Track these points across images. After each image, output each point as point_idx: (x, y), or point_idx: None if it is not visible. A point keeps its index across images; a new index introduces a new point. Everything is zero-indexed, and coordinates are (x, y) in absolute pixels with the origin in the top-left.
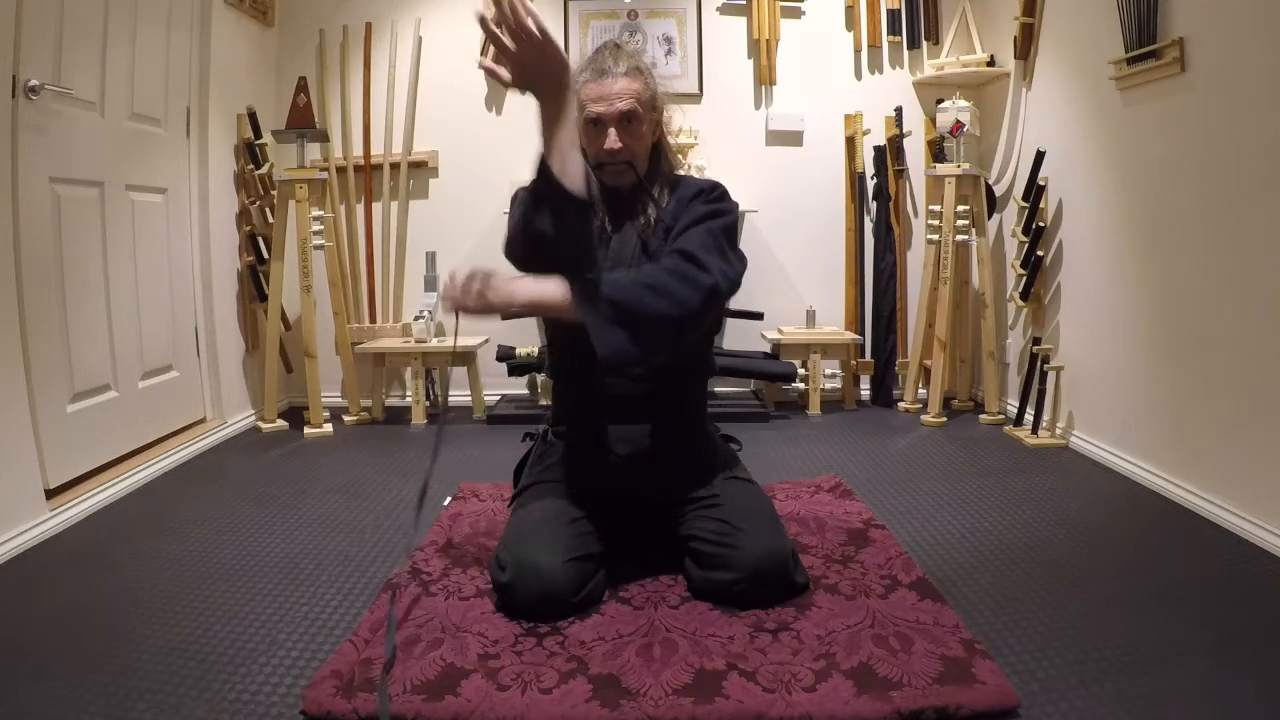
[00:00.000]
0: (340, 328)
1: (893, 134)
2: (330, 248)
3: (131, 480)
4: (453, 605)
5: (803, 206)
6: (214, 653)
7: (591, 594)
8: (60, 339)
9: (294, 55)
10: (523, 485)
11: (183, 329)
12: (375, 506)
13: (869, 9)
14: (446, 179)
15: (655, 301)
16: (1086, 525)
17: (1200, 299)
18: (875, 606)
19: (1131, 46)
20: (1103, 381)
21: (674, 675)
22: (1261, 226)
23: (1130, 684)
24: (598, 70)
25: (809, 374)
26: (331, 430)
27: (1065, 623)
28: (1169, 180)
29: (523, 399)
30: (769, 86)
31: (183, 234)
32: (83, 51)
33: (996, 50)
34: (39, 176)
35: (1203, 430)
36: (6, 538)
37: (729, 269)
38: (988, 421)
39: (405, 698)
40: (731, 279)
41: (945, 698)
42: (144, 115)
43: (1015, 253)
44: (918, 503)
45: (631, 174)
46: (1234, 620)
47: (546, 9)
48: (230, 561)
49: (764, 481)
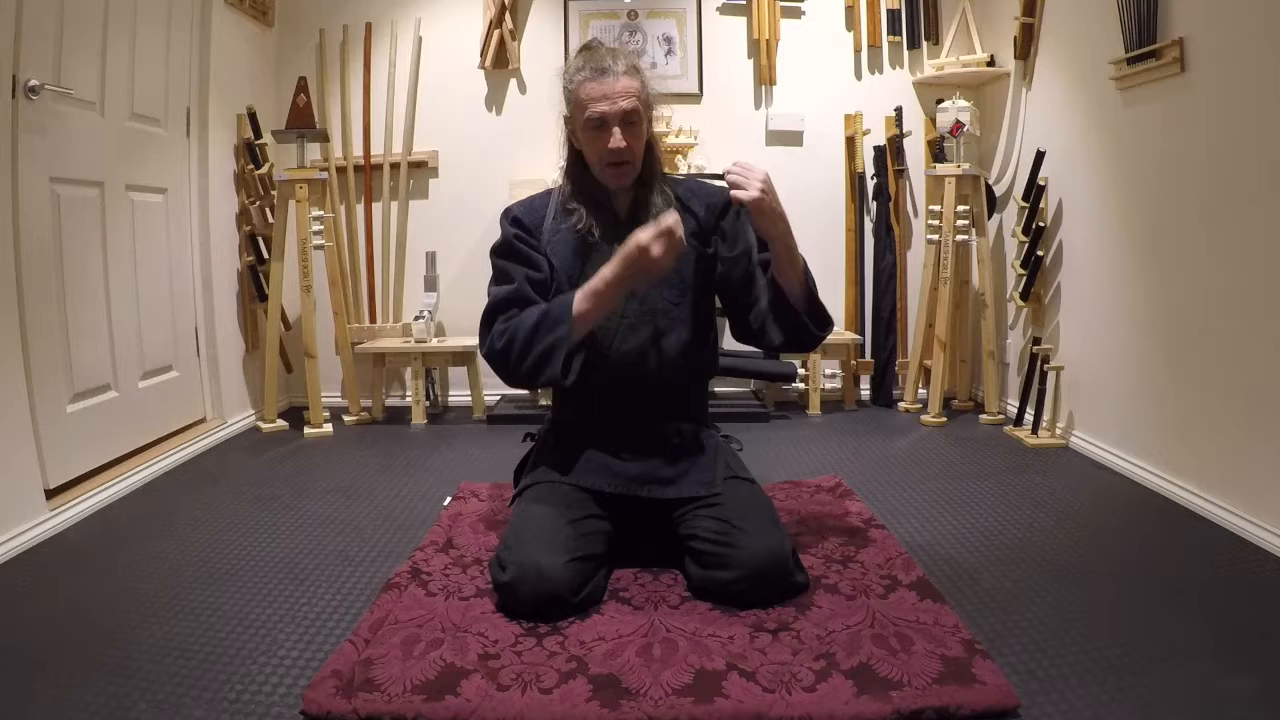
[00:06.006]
0: (340, 328)
1: (893, 134)
2: (330, 248)
3: (131, 480)
4: (453, 605)
5: (803, 206)
6: (214, 653)
7: (592, 594)
8: (60, 339)
9: (294, 55)
10: (523, 485)
11: (183, 329)
12: (375, 506)
13: (869, 9)
14: (446, 179)
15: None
16: (1086, 525)
17: (1200, 299)
18: (875, 606)
19: (1131, 46)
20: (1103, 381)
21: (674, 675)
22: (1261, 226)
23: (1130, 684)
24: (597, 70)
25: (809, 374)
26: (331, 430)
27: (1065, 623)
28: (1169, 180)
29: (523, 399)
30: (769, 86)
31: (183, 234)
32: (83, 51)
33: (996, 50)
34: (39, 176)
35: (1203, 430)
36: (6, 538)
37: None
38: (988, 421)
39: (405, 698)
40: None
41: (945, 698)
42: (144, 115)
43: (1015, 253)
44: (918, 503)
45: (634, 172)
46: (1234, 620)
47: (546, 9)
48: (230, 561)
49: (764, 481)
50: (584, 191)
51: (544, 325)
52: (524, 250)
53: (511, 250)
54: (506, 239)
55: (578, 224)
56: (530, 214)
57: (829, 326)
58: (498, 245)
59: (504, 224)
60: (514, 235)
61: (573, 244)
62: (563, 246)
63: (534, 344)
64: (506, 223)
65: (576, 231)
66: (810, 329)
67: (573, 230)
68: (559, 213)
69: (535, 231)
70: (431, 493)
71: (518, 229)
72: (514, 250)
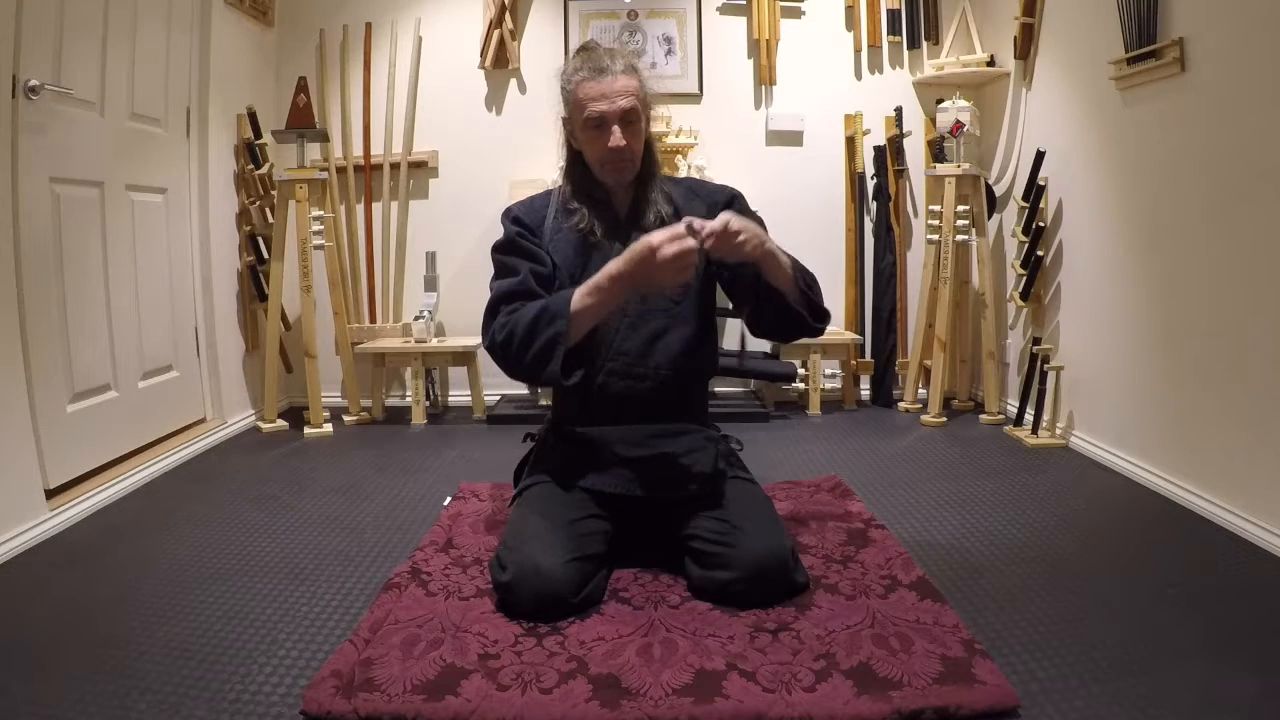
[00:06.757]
0: (340, 328)
1: (893, 134)
2: (330, 248)
3: (131, 480)
4: (453, 605)
5: (803, 206)
6: (214, 653)
7: (592, 594)
8: (60, 339)
9: (294, 55)
10: (523, 485)
11: (183, 329)
12: (375, 506)
13: (869, 9)
14: (446, 179)
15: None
16: (1086, 525)
17: (1200, 299)
18: (875, 606)
19: (1131, 46)
20: (1102, 381)
21: (674, 675)
22: (1261, 226)
23: (1130, 684)
24: (596, 69)
25: (809, 374)
26: (331, 430)
27: (1065, 623)
28: (1169, 180)
29: (523, 399)
30: (769, 86)
31: (183, 234)
32: (83, 51)
33: (996, 50)
34: (39, 176)
35: (1203, 430)
36: (6, 538)
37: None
38: (988, 421)
39: (405, 698)
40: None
41: (945, 698)
42: (144, 115)
43: (1015, 253)
44: (918, 503)
45: (634, 171)
46: (1234, 620)
47: (546, 9)
48: (230, 561)
49: (764, 481)
50: (584, 191)
51: (543, 319)
52: (528, 246)
53: (515, 246)
54: (509, 236)
55: (579, 223)
56: (531, 214)
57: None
58: (500, 243)
59: (505, 222)
60: (516, 233)
61: (574, 243)
62: (565, 245)
63: (533, 339)
64: (508, 221)
65: (579, 231)
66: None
67: (574, 229)
68: (560, 212)
69: (536, 230)
70: (431, 493)
71: (519, 227)
72: (517, 246)
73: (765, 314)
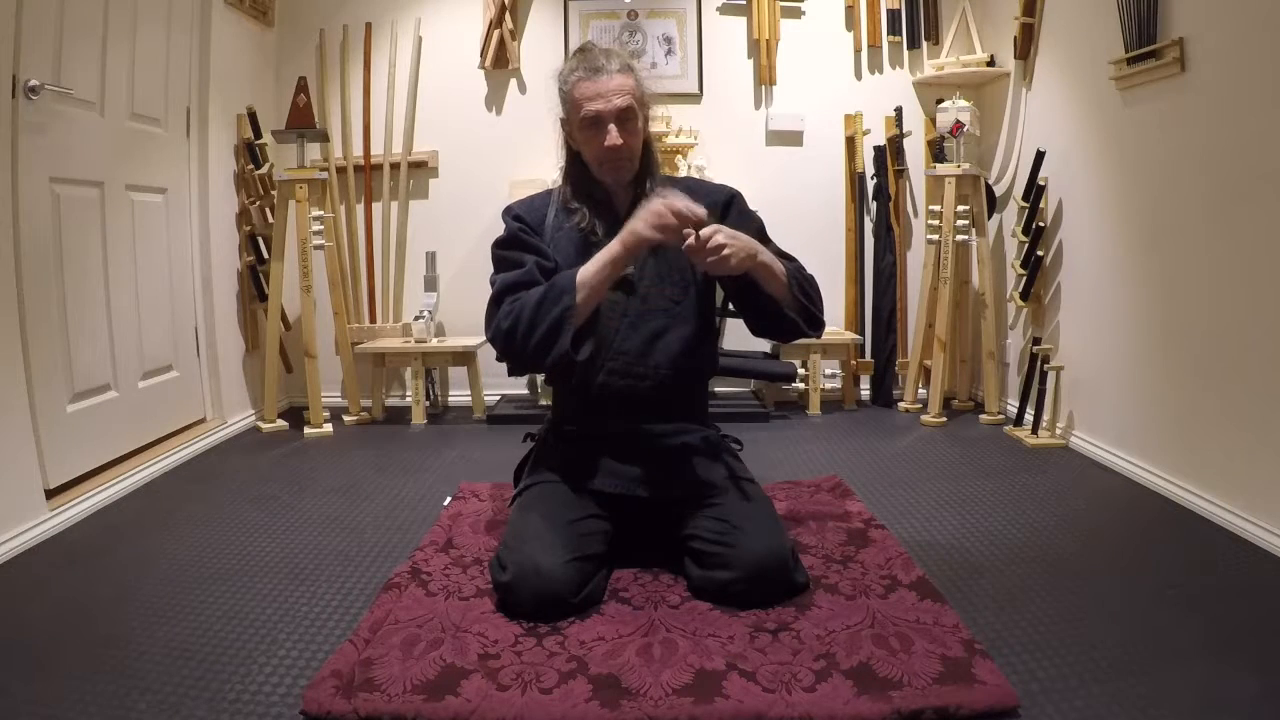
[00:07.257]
0: (340, 328)
1: (893, 134)
2: (330, 248)
3: (131, 480)
4: (453, 605)
5: (803, 206)
6: (214, 653)
7: (592, 594)
8: (60, 339)
9: (294, 55)
10: (523, 485)
11: (183, 329)
12: (375, 506)
13: (869, 9)
14: (446, 179)
15: (818, 296)
16: (1087, 525)
17: (1200, 299)
18: (875, 606)
19: (1131, 46)
20: (1102, 381)
21: (674, 675)
22: (1261, 226)
23: (1130, 684)
24: (591, 69)
25: (809, 374)
26: (331, 430)
27: (1065, 623)
28: (1169, 180)
29: (523, 399)
30: (769, 86)
31: (183, 234)
32: (82, 51)
33: (996, 50)
34: (39, 176)
35: (1203, 430)
36: (6, 538)
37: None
38: (988, 421)
39: (405, 698)
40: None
41: (945, 698)
42: (144, 115)
43: (1015, 253)
44: (918, 503)
45: (632, 169)
46: (1234, 620)
47: (546, 9)
48: (230, 561)
49: (764, 481)
50: (584, 192)
51: (549, 298)
52: (531, 240)
53: (518, 240)
54: (512, 231)
55: (580, 223)
56: (531, 212)
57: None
58: (503, 238)
59: (507, 219)
60: (519, 228)
61: (575, 242)
62: (565, 245)
63: (541, 317)
64: (509, 218)
65: (579, 230)
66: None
67: (575, 229)
68: (560, 212)
69: (537, 229)
70: (431, 493)
71: (520, 224)
72: (521, 240)
73: (759, 318)
